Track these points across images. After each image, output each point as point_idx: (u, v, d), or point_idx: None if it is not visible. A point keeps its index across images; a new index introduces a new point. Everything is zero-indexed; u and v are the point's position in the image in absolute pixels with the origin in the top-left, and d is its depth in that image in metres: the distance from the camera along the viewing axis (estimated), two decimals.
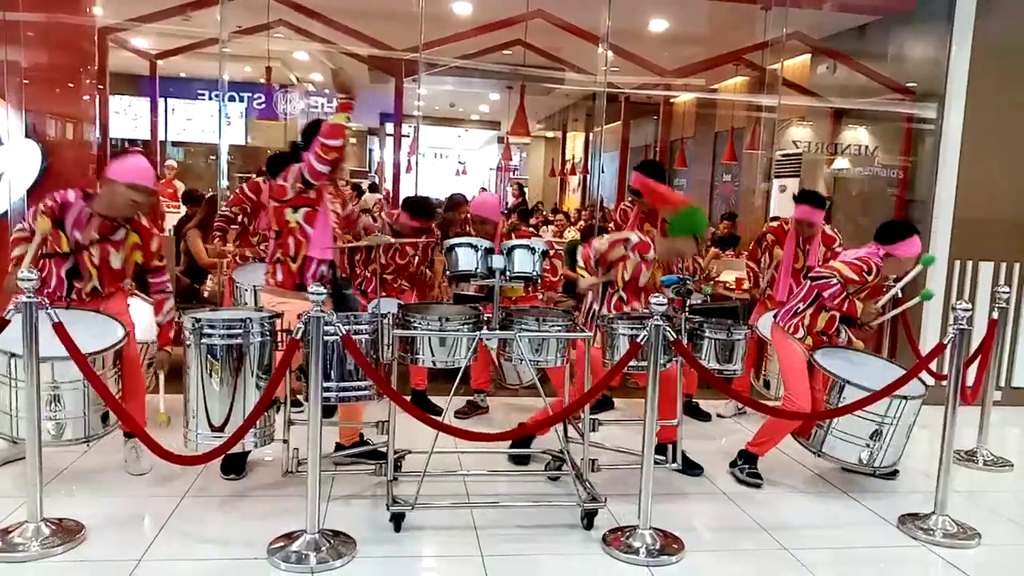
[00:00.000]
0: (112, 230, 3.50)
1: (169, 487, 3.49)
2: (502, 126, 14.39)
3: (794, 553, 3.19)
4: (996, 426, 4.65)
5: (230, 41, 6.00)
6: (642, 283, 3.88)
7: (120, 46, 6.99)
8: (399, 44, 6.32)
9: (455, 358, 3.32)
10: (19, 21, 5.26)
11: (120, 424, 3.41)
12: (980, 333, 4.23)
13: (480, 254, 3.40)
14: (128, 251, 3.55)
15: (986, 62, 5.43)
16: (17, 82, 5.27)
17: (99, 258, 3.49)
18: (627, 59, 6.68)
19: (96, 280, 3.52)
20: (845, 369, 3.72)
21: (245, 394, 3.12)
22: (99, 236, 3.47)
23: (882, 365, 3.93)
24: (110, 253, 3.50)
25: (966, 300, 3.88)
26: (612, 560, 3.04)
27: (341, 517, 3.25)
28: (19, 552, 2.85)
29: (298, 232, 3.50)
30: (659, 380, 3.13)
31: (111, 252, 3.50)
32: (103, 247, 3.49)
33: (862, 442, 3.67)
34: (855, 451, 3.69)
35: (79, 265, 3.48)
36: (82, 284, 3.51)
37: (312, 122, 3.60)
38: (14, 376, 3.16)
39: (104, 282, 3.55)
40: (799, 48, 7.15)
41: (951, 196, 5.55)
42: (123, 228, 3.52)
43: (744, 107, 8.97)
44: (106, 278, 3.55)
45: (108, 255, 3.50)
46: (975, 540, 3.37)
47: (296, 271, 3.54)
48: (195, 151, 10.84)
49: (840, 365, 3.75)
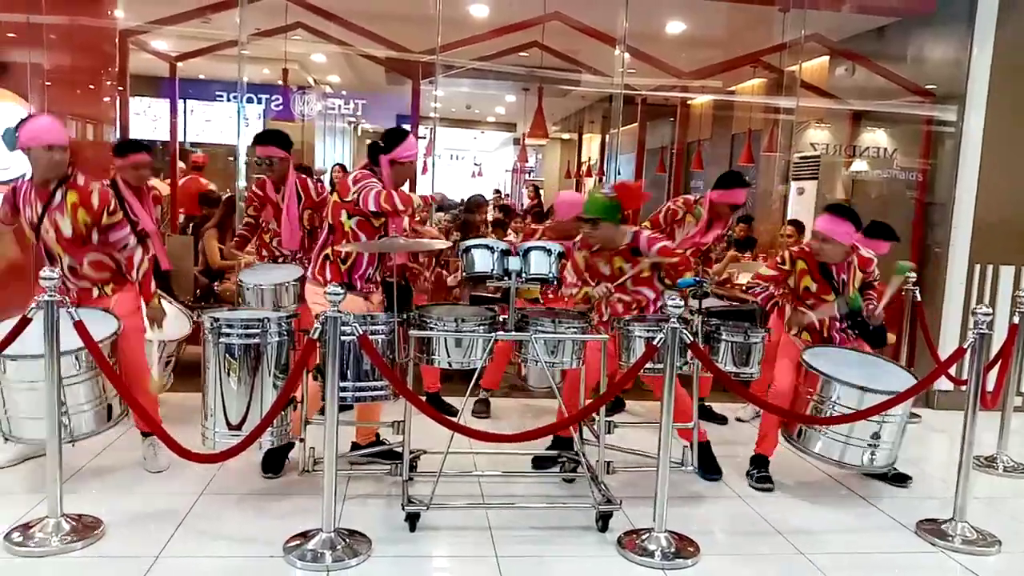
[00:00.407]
0: (50, 197, 3.47)
1: (186, 485, 3.52)
2: (518, 128, 14.40)
3: (810, 558, 3.17)
4: (1017, 432, 4.60)
5: (249, 43, 6.04)
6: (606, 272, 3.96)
7: (140, 48, 7.06)
8: (416, 46, 6.34)
9: (471, 359, 3.33)
10: (42, 24, 5.32)
11: (129, 415, 3.43)
12: (1001, 337, 4.19)
13: (496, 256, 3.41)
14: (71, 212, 3.47)
15: (1007, 64, 5.37)
16: (40, 84, 5.34)
17: (53, 231, 3.48)
18: (644, 61, 6.66)
19: (67, 257, 3.52)
20: (833, 367, 3.65)
21: (262, 393, 3.14)
22: (42, 205, 3.47)
23: (873, 362, 3.85)
24: (57, 221, 3.47)
25: (987, 304, 3.84)
26: (627, 563, 3.04)
27: (357, 516, 3.26)
28: (39, 547, 2.88)
29: (350, 235, 3.58)
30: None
31: (58, 218, 3.47)
32: (50, 216, 3.47)
33: (860, 443, 3.59)
34: (851, 452, 3.62)
35: (45, 248, 3.53)
36: (59, 264, 3.50)
37: (397, 130, 3.72)
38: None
39: (73, 255, 3.52)
40: (817, 50, 7.10)
41: (971, 199, 5.50)
42: (58, 191, 3.48)
43: (761, 109, 8.92)
44: (72, 251, 3.52)
45: (57, 224, 3.48)
46: (995, 547, 3.33)
47: (345, 271, 3.64)
48: (213, 152, 10.92)
49: (830, 364, 3.68)
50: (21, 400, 3.21)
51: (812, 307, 3.91)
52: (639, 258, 3.91)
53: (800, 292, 3.96)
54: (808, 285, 3.92)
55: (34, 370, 3.04)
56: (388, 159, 3.64)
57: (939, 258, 5.69)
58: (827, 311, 3.88)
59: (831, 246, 3.82)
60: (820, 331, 3.97)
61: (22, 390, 3.20)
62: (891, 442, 3.64)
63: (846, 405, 3.53)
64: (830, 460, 3.68)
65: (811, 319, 3.89)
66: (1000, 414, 4.47)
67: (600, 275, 3.97)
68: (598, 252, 3.97)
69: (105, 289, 3.63)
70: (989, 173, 5.47)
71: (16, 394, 3.22)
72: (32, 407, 3.16)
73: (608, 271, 3.96)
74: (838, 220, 3.81)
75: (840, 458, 3.64)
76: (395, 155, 3.64)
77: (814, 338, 3.97)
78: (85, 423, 3.33)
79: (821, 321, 3.93)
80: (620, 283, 3.89)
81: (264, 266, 4.69)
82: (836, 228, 3.80)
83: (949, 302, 5.58)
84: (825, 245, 3.83)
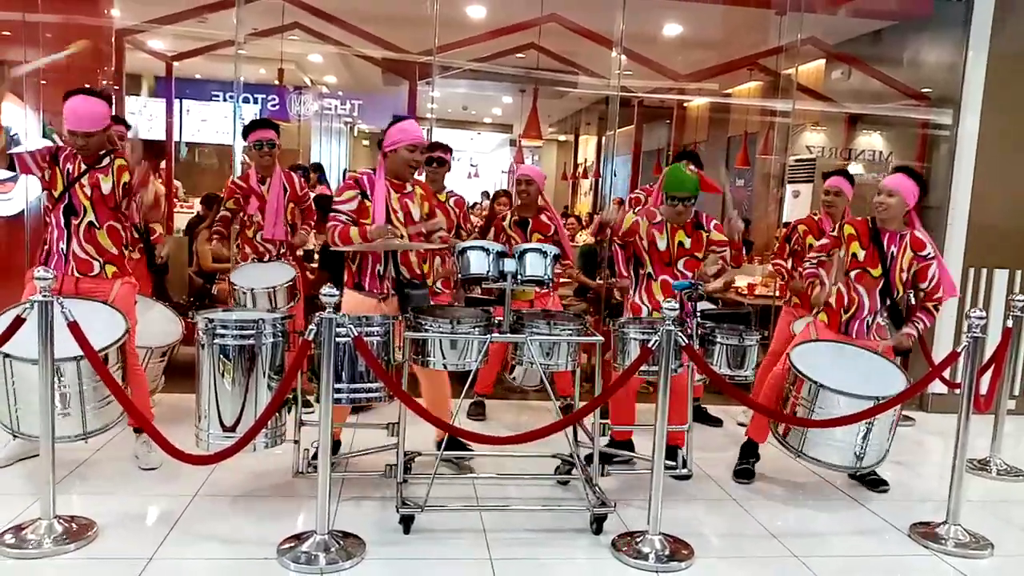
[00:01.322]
0: (97, 159, 3.64)
1: (180, 486, 3.51)
2: (515, 129, 14.40)
3: (804, 560, 3.17)
4: (1010, 435, 4.61)
5: (245, 43, 6.03)
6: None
7: (137, 47, 7.05)
8: (413, 47, 6.33)
9: (466, 361, 3.33)
10: (38, 23, 5.31)
11: (127, 418, 3.43)
12: (994, 341, 4.20)
13: (492, 257, 3.41)
14: (116, 173, 3.65)
15: (1003, 68, 5.39)
16: (35, 83, 5.32)
17: (90, 187, 3.60)
18: (641, 63, 6.67)
19: (92, 213, 3.62)
20: (825, 368, 3.59)
21: (257, 395, 3.13)
22: (86, 165, 3.62)
23: (868, 358, 3.76)
24: (99, 180, 3.62)
25: (980, 308, 3.84)
26: (621, 565, 3.04)
27: (351, 518, 3.26)
28: (32, 549, 2.87)
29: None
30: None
31: (100, 178, 3.62)
32: (92, 175, 3.62)
33: (847, 443, 3.57)
34: (838, 453, 3.60)
35: (73, 201, 3.60)
36: (78, 220, 3.61)
37: (392, 119, 3.70)
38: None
39: (99, 214, 3.63)
40: (814, 53, 7.12)
41: (966, 203, 5.52)
42: (107, 157, 3.66)
43: (758, 112, 8.93)
44: (100, 209, 3.64)
45: (98, 181, 3.61)
46: (988, 550, 3.34)
47: (355, 272, 3.69)
48: (209, 152, 10.89)
49: (819, 362, 3.64)
50: (35, 400, 3.13)
51: (857, 279, 3.82)
52: (701, 232, 3.98)
53: (848, 262, 3.88)
54: (856, 252, 3.84)
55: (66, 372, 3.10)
56: (381, 153, 3.67)
57: None
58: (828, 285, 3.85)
59: (896, 200, 3.76)
60: (844, 318, 3.85)
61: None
62: (879, 442, 3.60)
63: (831, 411, 3.49)
64: (817, 461, 3.65)
65: (827, 287, 3.84)
66: (993, 417, 4.49)
67: (655, 252, 3.99)
68: (659, 224, 3.98)
69: (106, 269, 3.66)
70: (984, 177, 5.49)
71: (30, 394, 3.14)
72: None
73: (664, 246, 3.97)
74: (907, 178, 3.81)
75: (827, 459, 3.61)
76: (384, 146, 3.66)
77: (832, 322, 3.87)
78: (107, 414, 3.35)
79: (851, 300, 3.83)
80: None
81: (252, 265, 4.68)
82: (904, 184, 3.77)
83: (943, 305, 5.58)
84: (890, 199, 3.77)
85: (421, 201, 3.77)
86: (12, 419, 3.25)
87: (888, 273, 3.78)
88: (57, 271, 3.55)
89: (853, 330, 3.86)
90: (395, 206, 3.65)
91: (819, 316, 3.96)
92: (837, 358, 3.71)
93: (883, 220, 3.81)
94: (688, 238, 3.97)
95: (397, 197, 3.68)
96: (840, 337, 3.86)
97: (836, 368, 3.61)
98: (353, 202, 3.59)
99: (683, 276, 3.93)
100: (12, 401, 3.22)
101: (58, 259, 3.60)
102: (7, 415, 3.26)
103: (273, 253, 4.73)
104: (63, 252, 3.60)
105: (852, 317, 3.85)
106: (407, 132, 3.63)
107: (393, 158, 3.64)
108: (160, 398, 4.24)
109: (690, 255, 3.99)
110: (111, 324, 3.42)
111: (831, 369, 3.60)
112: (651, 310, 3.96)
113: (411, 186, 3.76)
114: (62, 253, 3.60)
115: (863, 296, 3.82)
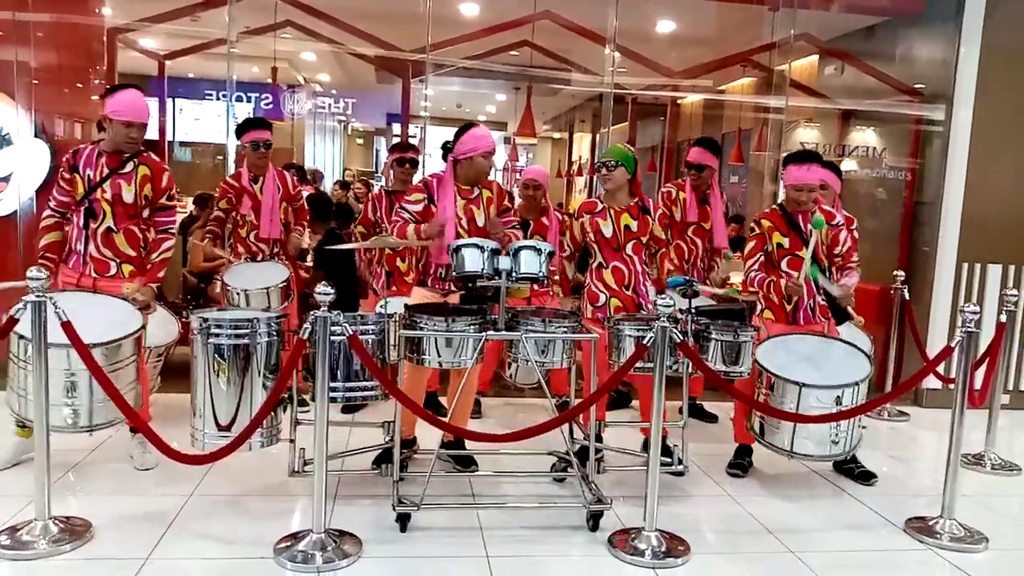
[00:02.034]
0: (121, 164, 3.65)
1: (176, 486, 3.50)
2: (509, 127, 14.40)
3: (800, 556, 3.18)
4: (1004, 430, 4.63)
5: (238, 42, 6.02)
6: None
7: (129, 46, 7.02)
8: (406, 45, 6.33)
9: (461, 359, 3.32)
10: (29, 22, 5.28)
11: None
12: (988, 336, 4.21)
13: (487, 255, 3.40)
14: (139, 183, 3.67)
15: (995, 64, 5.41)
16: (27, 82, 5.30)
17: (111, 193, 3.62)
18: (634, 60, 6.67)
19: (111, 218, 3.65)
20: (785, 363, 3.67)
21: (252, 394, 3.13)
22: (109, 170, 3.63)
23: (827, 345, 3.85)
24: (121, 186, 3.64)
25: (974, 303, 3.86)
26: (618, 562, 3.04)
27: (347, 517, 3.25)
28: (28, 550, 2.86)
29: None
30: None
31: (122, 185, 3.64)
32: (114, 181, 3.64)
33: (829, 435, 3.64)
34: (821, 445, 3.66)
35: (93, 204, 3.63)
36: (96, 223, 3.64)
37: (462, 126, 3.78)
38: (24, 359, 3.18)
39: (117, 219, 3.66)
40: (807, 49, 7.12)
41: (959, 198, 5.54)
42: (131, 161, 3.67)
43: (751, 108, 8.94)
44: (119, 214, 3.66)
45: (120, 188, 3.64)
46: (982, 544, 3.36)
47: (420, 269, 3.90)
48: (203, 151, 10.85)
49: (783, 356, 3.70)
50: (52, 387, 3.10)
51: (790, 266, 3.92)
52: (647, 217, 3.97)
53: (776, 253, 3.97)
54: (780, 242, 3.96)
55: (72, 360, 3.08)
56: (451, 159, 3.77)
57: (927, 257, 5.73)
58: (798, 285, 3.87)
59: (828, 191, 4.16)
60: (788, 308, 3.97)
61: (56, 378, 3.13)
62: (848, 430, 3.65)
63: (802, 404, 3.57)
64: (788, 452, 3.69)
65: (799, 283, 3.84)
66: (988, 412, 4.50)
67: (602, 240, 3.97)
68: (602, 212, 3.97)
69: (123, 269, 3.70)
70: (977, 172, 5.51)
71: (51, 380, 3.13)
72: (59, 394, 3.15)
73: (610, 232, 3.96)
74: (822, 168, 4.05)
75: (802, 450, 3.67)
76: (455, 153, 3.75)
77: (778, 316, 3.98)
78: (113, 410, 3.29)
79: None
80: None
81: (246, 265, 4.67)
82: (828, 175, 4.23)
83: (937, 300, 5.62)
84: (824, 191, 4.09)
85: (488, 204, 3.83)
86: (23, 407, 3.26)
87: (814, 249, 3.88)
88: (76, 270, 3.65)
89: (800, 318, 3.96)
90: (460, 213, 3.74)
91: (764, 314, 4.03)
92: (798, 350, 3.78)
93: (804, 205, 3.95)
94: (635, 220, 3.95)
95: (463, 204, 3.76)
96: (790, 328, 3.94)
97: (800, 361, 3.69)
98: (419, 204, 3.78)
99: (630, 260, 3.94)
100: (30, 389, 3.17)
101: (77, 259, 3.66)
102: (19, 404, 3.27)
103: (266, 253, 4.72)
104: (81, 253, 3.65)
105: (796, 306, 3.96)
106: (482, 140, 3.73)
107: (467, 165, 3.73)
108: (155, 398, 4.22)
109: (636, 239, 3.96)
110: (129, 317, 3.45)
111: (795, 363, 3.68)
112: (609, 297, 3.96)
113: (478, 189, 3.82)
114: (80, 254, 3.66)
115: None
